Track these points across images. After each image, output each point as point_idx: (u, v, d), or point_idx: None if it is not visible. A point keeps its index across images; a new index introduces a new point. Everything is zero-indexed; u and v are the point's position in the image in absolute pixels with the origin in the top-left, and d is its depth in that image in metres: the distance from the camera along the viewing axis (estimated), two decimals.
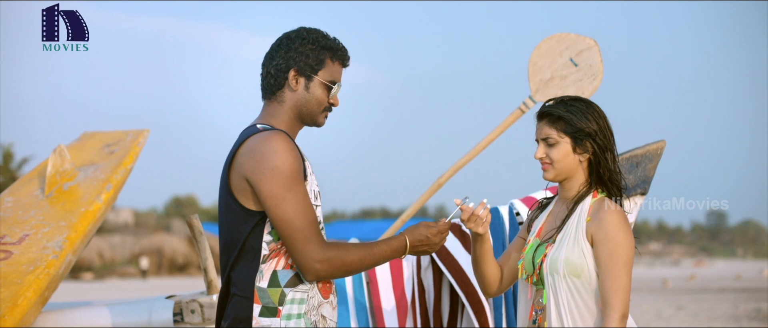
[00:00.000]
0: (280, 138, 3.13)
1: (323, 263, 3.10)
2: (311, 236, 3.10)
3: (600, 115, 3.36)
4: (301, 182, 3.11)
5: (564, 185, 3.41)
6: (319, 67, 3.28)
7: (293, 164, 3.10)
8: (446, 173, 5.19)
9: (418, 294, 4.81)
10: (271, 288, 3.13)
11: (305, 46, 3.27)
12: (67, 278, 37.35)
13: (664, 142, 4.50)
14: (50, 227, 4.61)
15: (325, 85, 3.28)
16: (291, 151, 3.11)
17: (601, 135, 3.34)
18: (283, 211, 3.09)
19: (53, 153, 4.94)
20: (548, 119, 3.37)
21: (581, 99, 3.40)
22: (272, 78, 3.29)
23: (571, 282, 3.28)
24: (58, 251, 4.46)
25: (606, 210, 3.29)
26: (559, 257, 3.30)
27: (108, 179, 4.86)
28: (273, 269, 3.14)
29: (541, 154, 3.37)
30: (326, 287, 3.23)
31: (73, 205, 4.73)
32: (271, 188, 3.10)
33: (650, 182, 4.43)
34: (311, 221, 3.10)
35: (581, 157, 3.36)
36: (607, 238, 3.25)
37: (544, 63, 5.11)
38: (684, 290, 31.96)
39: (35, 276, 4.34)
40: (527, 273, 3.39)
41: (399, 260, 4.80)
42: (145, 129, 5.24)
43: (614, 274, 3.22)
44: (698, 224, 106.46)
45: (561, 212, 3.42)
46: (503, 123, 5.19)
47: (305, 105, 3.28)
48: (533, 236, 3.45)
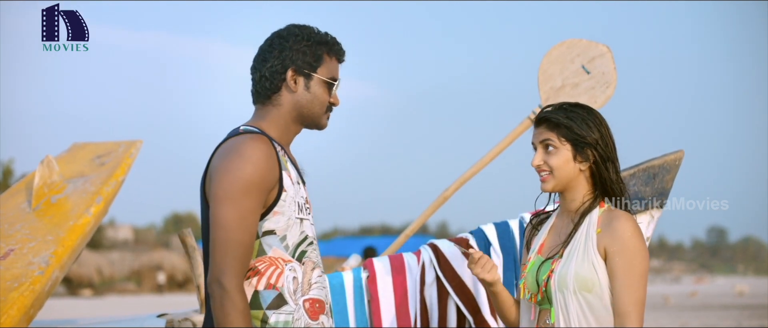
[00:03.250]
0: (254, 143, 2.92)
1: (219, 286, 2.84)
2: (228, 253, 2.85)
3: (601, 123, 3.21)
4: (252, 196, 2.88)
5: (566, 195, 3.25)
6: (318, 64, 3.08)
7: (252, 174, 2.88)
8: (452, 185, 5.07)
9: (420, 313, 4.65)
10: (252, 310, 2.91)
11: (300, 43, 3.07)
12: (65, 295, 37.45)
13: (682, 153, 4.35)
14: (37, 242, 4.48)
15: (325, 83, 3.09)
16: (259, 160, 2.90)
17: (603, 143, 3.19)
18: (216, 214, 2.87)
19: (41, 164, 4.82)
20: (547, 125, 3.21)
21: (582, 106, 3.26)
22: (267, 81, 3.08)
23: (582, 298, 3.11)
24: (45, 267, 4.34)
25: (619, 220, 3.14)
26: (568, 272, 3.13)
27: (98, 192, 4.73)
28: (254, 289, 2.93)
29: (540, 160, 3.21)
30: (315, 307, 3.01)
31: (61, 218, 4.60)
32: (217, 188, 2.89)
33: (668, 195, 4.27)
34: (238, 240, 2.86)
35: (582, 166, 3.20)
36: (624, 248, 3.10)
37: (555, 70, 4.98)
38: (686, 306, 31.93)
39: (20, 293, 4.21)
40: (531, 292, 3.22)
41: (401, 276, 4.65)
42: (137, 140, 5.11)
43: (632, 286, 3.08)
44: (699, 241, 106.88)
45: (565, 225, 3.25)
46: (512, 133, 5.08)
47: (306, 106, 3.08)
48: (534, 254, 3.28)
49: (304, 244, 3.03)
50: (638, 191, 4.23)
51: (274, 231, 2.96)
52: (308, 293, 3.01)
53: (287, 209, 2.98)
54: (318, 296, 3.04)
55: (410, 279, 4.69)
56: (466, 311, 4.48)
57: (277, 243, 2.96)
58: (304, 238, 3.02)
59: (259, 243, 2.95)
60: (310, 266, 3.04)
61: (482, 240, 4.59)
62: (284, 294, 2.94)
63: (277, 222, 2.96)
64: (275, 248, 2.96)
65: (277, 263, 2.96)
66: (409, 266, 4.61)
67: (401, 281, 4.69)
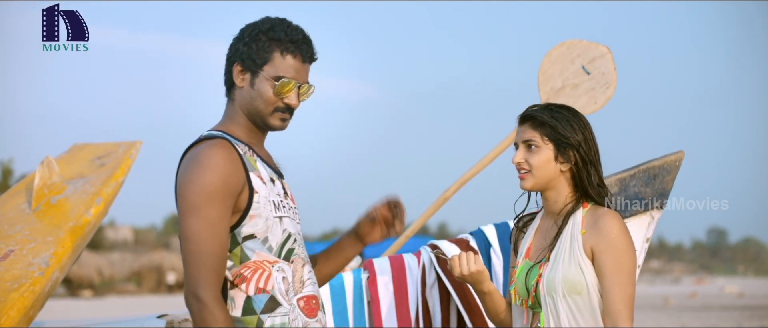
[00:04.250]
0: (212, 150, 2.86)
1: (196, 300, 2.79)
2: (201, 265, 2.80)
3: (586, 126, 3.21)
4: (216, 204, 2.82)
5: (548, 196, 3.24)
6: (264, 60, 2.96)
7: (214, 182, 2.81)
8: (453, 186, 5.05)
9: (422, 315, 4.64)
10: (246, 316, 2.87)
11: (251, 38, 2.97)
12: (65, 296, 37.42)
13: (682, 154, 4.34)
14: (37, 243, 4.45)
15: (272, 81, 2.96)
16: (218, 165, 2.83)
17: (586, 147, 3.17)
18: (183, 227, 2.82)
19: (41, 165, 4.80)
20: (532, 123, 3.21)
21: (567, 107, 3.26)
22: (225, 75, 3.03)
23: (571, 301, 3.10)
24: (45, 268, 4.31)
25: (604, 218, 3.12)
26: (555, 276, 3.12)
27: (98, 193, 4.70)
28: (245, 295, 2.87)
29: (520, 158, 3.20)
30: (311, 304, 2.96)
31: (60, 219, 4.57)
32: (181, 201, 2.84)
33: (668, 195, 4.26)
34: (209, 251, 2.80)
35: (563, 167, 3.19)
36: (610, 246, 3.08)
37: (555, 71, 4.97)
38: (686, 307, 31.89)
39: (19, 294, 4.18)
40: (521, 297, 3.21)
41: (402, 277, 4.64)
42: (137, 141, 5.08)
43: (621, 284, 3.06)
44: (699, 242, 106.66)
45: (550, 227, 3.24)
46: (512, 134, 5.02)
47: (251, 103, 2.98)
48: (522, 258, 3.27)
49: (290, 242, 2.97)
50: (638, 192, 4.22)
51: (253, 235, 2.90)
52: (301, 291, 2.96)
53: (263, 210, 2.91)
54: (312, 292, 2.99)
55: (411, 280, 4.68)
56: (465, 313, 4.47)
57: (259, 246, 2.91)
58: (288, 236, 2.96)
59: (240, 249, 2.90)
60: (300, 263, 2.98)
61: (482, 241, 4.58)
62: (276, 296, 2.90)
63: (255, 226, 2.91)
64: (258, 251, 2.91)
65: (263, 266, 2.91)
66: (409, 267, 4.60)
67: (401, 282, 4.67)
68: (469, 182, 5.11)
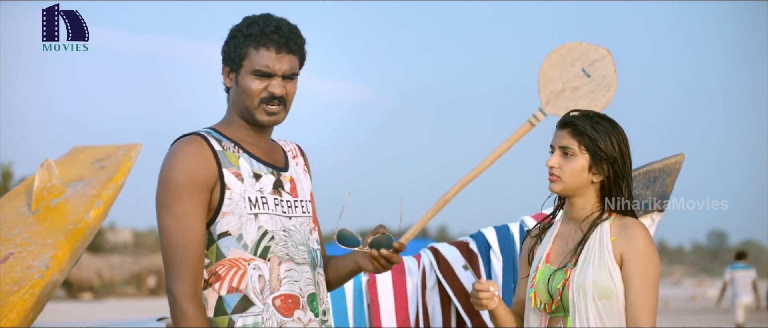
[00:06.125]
0: (180, 146, 2.91)
1: (169, 295, 2.83)
2: (173, 260, 2.84)
3: (623, 140, 3.21)
4: (184, 198, 2.86)
5: (574, 202, 3.23)
6: (242, 57, 2.99)
7: (179, 176, 2.86)
8: (453, 188, 5.03)
9: (422, 318, 4.64)
10: (217, 316, 2.87)
11: (232, 37, 3.02)
12: (65, 299, 37.42)
13: (682, 156, 4.34)
14: (36, 245, 4.44)
15: (252, 75, 2.99)
16: (183, 160, 2.87)
17: (621, 161, 3.18)
18: (158, 224, 2.88)
19: (40, 168, 4.79)
20: (572, 130, 3.20)
21: (608, 119, 3.24)
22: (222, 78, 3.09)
23: (601, 305, 3.12)
24: (44, 271, 4.30)
25: (634, 228, 3.16)
26: (585, 280, 3.13)
27: (98, 195, 4.69)
28: (218, 295, 2.88)
29: (554, 163, 3.20)
30: (288, 303, 2.94)
31: (60, 222, 4.56)
32: (156, 199, 2.89)
33: (669, 198, 4.27)
34: (180, 245, 2.84)
35: (594, 178, 3.19)
36: (640, 255, 3.12)
37: (555, 73, 4.96)
38: (686, 310, 31.87)
39: (19, 297, 4.17)
40: (543, 302, 3.21)
41: (402, 279, 4.64)
42: (137, 143, 5.08)
43: (647, 293, 3.11)
44: (699, 244, 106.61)
45: (572, 233, 3.24)
46: (512, 136, 5.05)
47: (239, 101, 3.01)
48: (542, 262, 3.26)
49: (266, 239, 2.94)
50: (639, 194, 4.23)
51: (228, 232, 2.91)
52: (278, 289, 2.94)
53: (236, 207, 2.92)
54: (290, 291, 2.96)
55: (410, 283, 4.68)
56: (465, 315, 4.47)
57: (234, 244, 2.91)
58: (264, 233, 2.94)
59: (216, 247, 2.91)
60: (277, 261, 2.95)
61: (482, 243, 4.58)
62: (249, 295, 2.89)
63: (228, 223, 2.92)
64: (233, 249, 2.91)
65: (238, 264, 2.91)
66: (409, 269, 4.60)
67: (401, 285, 4.67)
68: (470, 185, 5.09)
